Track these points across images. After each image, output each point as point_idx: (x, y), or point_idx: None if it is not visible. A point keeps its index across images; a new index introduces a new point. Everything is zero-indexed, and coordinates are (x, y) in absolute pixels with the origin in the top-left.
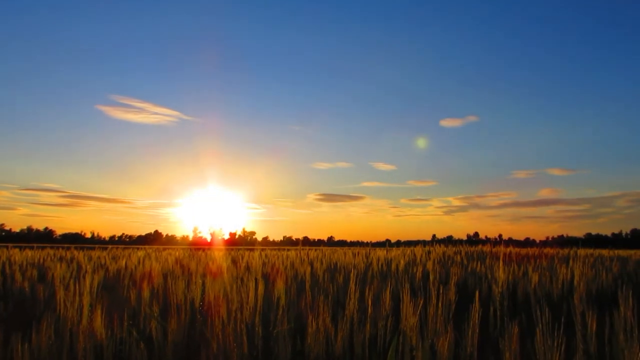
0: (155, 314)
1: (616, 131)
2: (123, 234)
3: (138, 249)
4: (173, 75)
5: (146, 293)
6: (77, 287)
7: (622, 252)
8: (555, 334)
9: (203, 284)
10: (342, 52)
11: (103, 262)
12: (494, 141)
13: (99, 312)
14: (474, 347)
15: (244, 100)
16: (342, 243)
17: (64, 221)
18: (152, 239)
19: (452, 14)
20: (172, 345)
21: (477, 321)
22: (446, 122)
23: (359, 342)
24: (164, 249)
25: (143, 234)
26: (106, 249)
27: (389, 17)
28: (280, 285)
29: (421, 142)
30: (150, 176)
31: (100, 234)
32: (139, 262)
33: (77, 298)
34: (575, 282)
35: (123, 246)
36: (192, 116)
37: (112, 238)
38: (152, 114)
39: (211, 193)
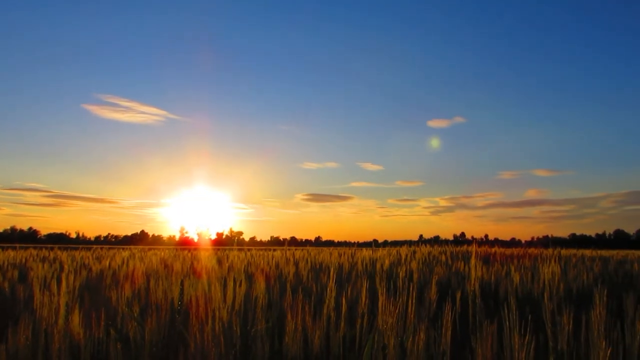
0: (135, 314)
1: (601, 133)
2: (109, 234)
3: (123, 249)
4: (160, 74)
5: (128, 293)
6: (57, 287)
7: (605, 253)
8: (526, 332)
9: (182, 283)
10: (331, 52)
11: (86, 262)
12: (481, 142)
13: (76, 312)
14: (447, 346)
15: (231, 99)
16: (330, 243)
17: (49, 221)
18: (139, 239)
19: (440, 16)
20: (149, 345)
21: (450, 319)
22: (433, 123)
23: (336, 342)
24: (150, 249)
25: (129, 234)
26: (91, 249)
27: (376, 19)
28: (261, 285)
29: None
30: (137, 176)
31: (86, 234)
32: (122, 263)
33: (55, 298)
34: (546, 281)
35: (108, 246)
36: (180, 115)
37: (97, 238)
38: (138, 113)
39: (198, 193)
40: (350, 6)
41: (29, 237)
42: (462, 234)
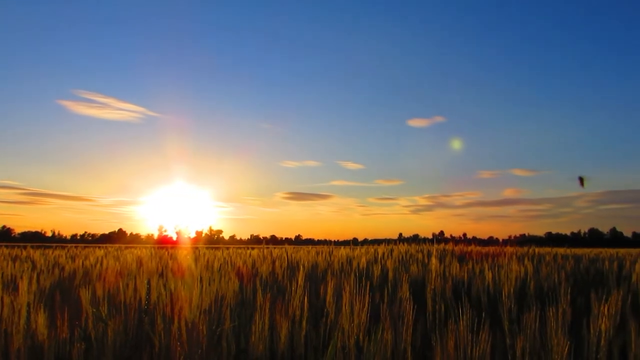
0: (103, 314)
1: (576, 133)
2: (85, 232)
3: (99, 247)
4: (139, 70)
5: (99, 292)
6: (25, 287)
7: (579, 251)
8: (483, 330)
9: (148, 282)
10: (311, 51)
11: (60, 261)
12: (461, 141)
13: (41, 312)
14: (407, 344)
15: (212, 96)
16: (310, 242)
17: (24, 219)
18: (116, 237)
19: (420, 16)
20: (112, 345)
21: (411, 318)
22: (414, 122)
23: (299, 341)
24: (126, 248)
25: (106, 232)
26: (66, 248)
27: (355, 18)
28: (235, 284)
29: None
30: (114, 173)
31: (62, 233)
32: (96, 262)
33: (22, 298)
34: (514, 279)
35: (84, 245)
36: (158, 112)
37: (74, 237)
38: (116, 110)
39: (177, 191)
40: (329, 7)
41: (3, 236)
42: (441, 233)
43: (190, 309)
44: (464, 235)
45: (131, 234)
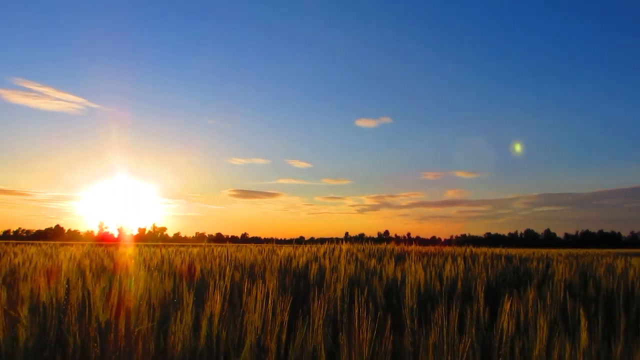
0: (22, 316)
1: (514, 137)
2: (19, 228)
3: (32, 244)
4: (79, 59)
5: (24, 292)
6: None
7: (513, 251)
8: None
9: (67, 282)
10: (260, 49)
11: None
12: (406, 142)
13: None
14: (318, 343)
15: (156, 90)
16: (256, 240)
17: None
18: (53, 234)
19: (369, 19)
20: (24, 348)
21: (322, 316)
22: (361, 122)
23: (214, 340)
24: (62, 245)
25: (42, 228)
26: None
27: (306, 19)
28: (164, 283)
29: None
30: (52, 167)
31: None
32: (25, 259)
33: None
34: (407, 281)
35: (16, 242)
36: (100, 104)
37: (6, 233)
38: (54, 100)
39: (120, 186)
40: (279, 5)
41: None
42: (386, 232)
43: (106, 308)
44: (408, 235)
45: (69, 230)
